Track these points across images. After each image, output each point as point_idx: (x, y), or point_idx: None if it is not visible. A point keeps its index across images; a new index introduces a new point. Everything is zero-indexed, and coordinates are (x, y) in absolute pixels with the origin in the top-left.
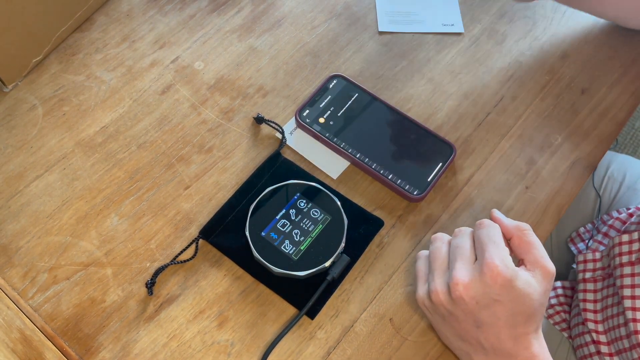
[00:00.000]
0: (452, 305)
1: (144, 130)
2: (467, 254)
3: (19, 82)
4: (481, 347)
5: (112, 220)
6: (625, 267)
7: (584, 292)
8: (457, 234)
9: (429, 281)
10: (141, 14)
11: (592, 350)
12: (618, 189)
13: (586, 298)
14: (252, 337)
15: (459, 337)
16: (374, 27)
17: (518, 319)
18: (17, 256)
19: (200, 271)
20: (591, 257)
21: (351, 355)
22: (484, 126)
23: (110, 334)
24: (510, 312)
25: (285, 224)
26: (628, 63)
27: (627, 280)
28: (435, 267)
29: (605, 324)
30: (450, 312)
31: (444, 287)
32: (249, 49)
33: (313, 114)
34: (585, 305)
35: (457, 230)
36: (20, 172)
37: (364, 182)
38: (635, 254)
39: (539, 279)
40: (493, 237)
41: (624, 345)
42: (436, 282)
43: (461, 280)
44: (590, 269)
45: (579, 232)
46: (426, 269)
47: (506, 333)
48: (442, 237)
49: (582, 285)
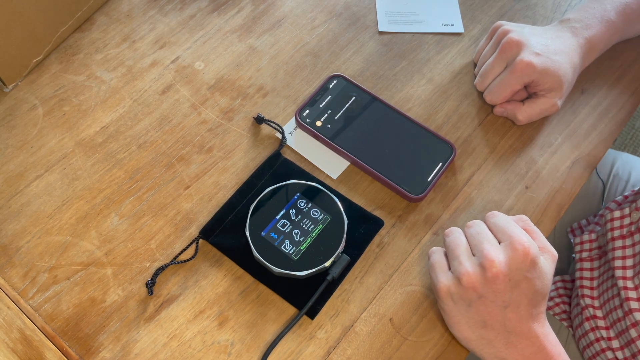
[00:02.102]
0: (484, 286)
1: (144, 130)
2: (491, 238)
3: (20, 82)
4: (504, 330)
5: (112, 220)
6: (617, 241)
7: (581, 270)
8: (470, 225)
9: (455, 267)
10: (141, 14)
11: (592, 338)
12: (624, 187)
13: (583, 276)
14: (252, 337)
15: (482, 324)
16: (374, 27)
17: (538, 297)
18: (17, 256)
19: (200, 271)
20: (587, 238)
21: (351, 355)
22: (484, 126)
23: (110, 333)
24: (534, 290)
25: (285, 224)
26: (628, 63)
27: (618, 253)
28: (458, 253)
29: (601, 298)
30: (480, 295)
31: (476, 268)
32: (249, 49)
33: (313, 114)
34: (582, 282)
35: (468, 223)
36: (20, 172)
37: (364, 182)
38: (626, 228)
39: (548, 261)
40: (510, 221)
41: (617, 315)
42: (465, 266)
43: (496, 258)
44: (587, 249)
45: (581, 223)
46: (444, 260)
47: (528, 312)
48: (457, 230)
49: (579, 264)
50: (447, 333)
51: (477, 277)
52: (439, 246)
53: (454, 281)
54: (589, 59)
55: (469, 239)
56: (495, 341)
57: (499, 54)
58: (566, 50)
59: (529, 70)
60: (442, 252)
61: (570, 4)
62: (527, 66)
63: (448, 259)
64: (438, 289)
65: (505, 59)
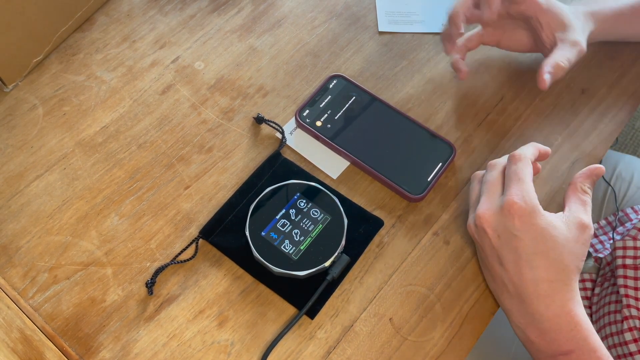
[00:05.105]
0: (480, 238)
1: (144, 130)
2: (493, 189)
3: (20, 82)
4: (506, 289)
5: (112, 220)
6: None
7: (625, 278)
8: (489, 168)
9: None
10: (141, 14)
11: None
12: (627, 188)
13: (627, 284)
14: (252, 336)
15: (490, 276)
16: (374, 27)
17: (540, 261)
18: (17, 256)
19: (200, 271)
20: (632, 245)
21: (351, 355)
22: (484, 126)
23: (110, 333)
24: (531, 251)
25: (285, 223)
26: (628, 63)
27: None
28: (470, 204)
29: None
30: (480, 246)
31: (473, 221)
32: (249, 49)
33: (313, 114)
34: (627, 291)
35: (489, 164)
36: (20, 172)
37: (363, 182)
38: None
39: (570, 226)
40: (520, 173)
41: None
42: (470, 218)
43: (482, 212)
44: (631, 256)
45: None
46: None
47: (528, 275)
48: (478, 176)
49: (621, 271)
50: (446, 333)
51: (474, 229)
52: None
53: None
54: (591, 24)
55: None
56: (501, 297)
57: None
58: (569, 7)
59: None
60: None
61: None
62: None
63: None
64: None
65: None
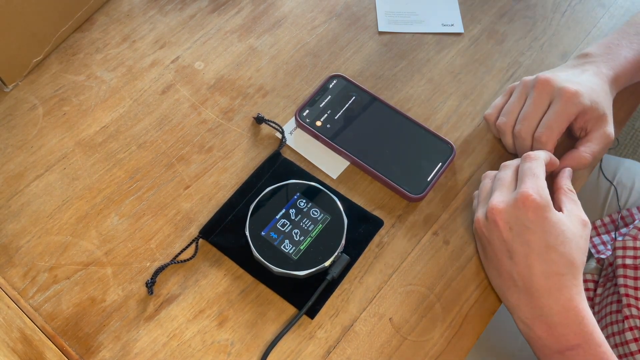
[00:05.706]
0: (489, 232)
1: (144, 130)
2: (506, 184)
3: (20, 82)
4: (514, 283)
5: (112, 220)
6: None
7: (625, 277)
8: (502, 168)
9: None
10: (141, 14)
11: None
12: (629, 194)
13: (627, 284)
14: (252, 336)
15: (496, 272)
16: (374, 27)
17: (552, 254)
18: (17, 256)
19: (200, 271)
20: (631, 245)
21: (351, 354)
22: (484, 126)
23: (110, 333)
24: (543, 244)
25: (285, 223)
26: None
27: None
28: (480, 200)
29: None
30: (489, 240)
31: (483, 214)
32: (249, 49)
33: (313, 114)
34: (627, 291)
35: (503, 164)
36: (20, 171)
37: (363, 182)
38: None
39: (574, 223)
40: (534, 169)
41: None
42: (478, 212)
43: (496, 205)
44: (631, 256)
45: (596, 224)
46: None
47: (538, 268)
48: (490, 175)
49: (621, 270)
50: (446, 333)
51: (484, 223)
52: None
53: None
54: (615, 91)
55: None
56: (507, 293)
57: (537, 94)
58: (595, 80)
59: (576, 98)
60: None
61: (570, 4)
62: (574, 94)
63: None
64: None
65: (547, 96)
